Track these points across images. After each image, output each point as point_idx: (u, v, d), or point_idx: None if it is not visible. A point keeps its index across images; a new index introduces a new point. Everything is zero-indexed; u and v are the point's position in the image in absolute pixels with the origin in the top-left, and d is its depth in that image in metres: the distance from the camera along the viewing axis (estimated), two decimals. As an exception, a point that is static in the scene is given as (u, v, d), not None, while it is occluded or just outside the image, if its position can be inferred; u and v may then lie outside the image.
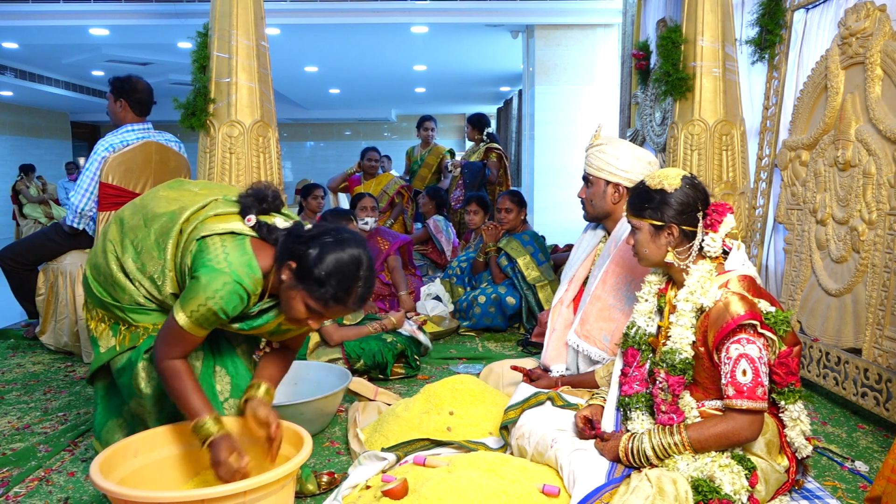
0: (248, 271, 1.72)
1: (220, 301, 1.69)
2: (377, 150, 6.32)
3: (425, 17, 6.98)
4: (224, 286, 1.69)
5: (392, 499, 1.80)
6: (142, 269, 1.86)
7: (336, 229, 1.73)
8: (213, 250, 1.74)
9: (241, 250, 1.75)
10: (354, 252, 1.69)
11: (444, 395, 2.44)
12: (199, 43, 3.50)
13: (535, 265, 4.11)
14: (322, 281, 1.65)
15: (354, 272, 1.68)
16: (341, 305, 1.70)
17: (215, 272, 1.70)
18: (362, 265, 1.70)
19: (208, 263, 1.71)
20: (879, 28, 2.72)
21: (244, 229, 1.79)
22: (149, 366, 1.89)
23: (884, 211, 2.67)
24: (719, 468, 1.72)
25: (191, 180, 2.10)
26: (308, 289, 1.67)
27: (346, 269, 1.67)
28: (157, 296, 1.87)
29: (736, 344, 1.74)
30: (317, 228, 1.74)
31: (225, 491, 1.55)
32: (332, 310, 1.71)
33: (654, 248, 1.93)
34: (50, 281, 3.75)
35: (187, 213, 1.85)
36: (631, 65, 4.97)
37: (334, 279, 1.66)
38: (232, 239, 1.77)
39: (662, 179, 1.91)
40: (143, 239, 1.87)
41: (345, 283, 1.67)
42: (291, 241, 1.72)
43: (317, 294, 1.67)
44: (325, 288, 1.66)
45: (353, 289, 1.69)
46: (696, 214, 1.89)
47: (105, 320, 1.97)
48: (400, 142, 16.41)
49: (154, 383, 1.89)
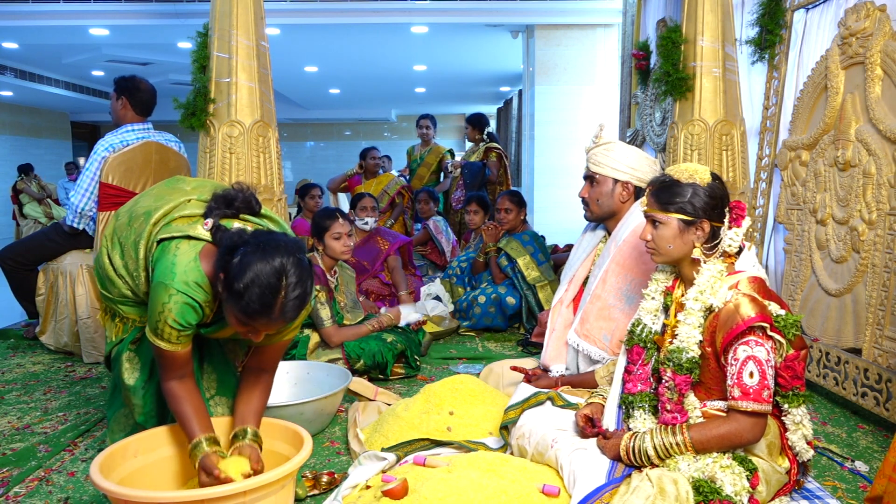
0: (193, 280, 1.68)
1: (173, 313, 1.66)
2: (378, 150, 6.33)
3: (425, 17, 6.98)
4: (170, 298, 1.66)
5: (392, 499, 1.80)
6: (125, 266, 1.89)
7: (264, 235, 1.65)
8: (165, 258, 1.71)
9: (188, 257, 1.70)
10: (277, 262, 1.58)
11: (444, 395, 2.44)
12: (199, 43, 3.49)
13: (535, 265, 4.11)
14: (241, 293, 1.56)
15: (275, 283, 1.57)
16: (265, 318, 1.60)
17: (159, 285, 1.69)
18: (286, 274, 1.58)
19: (158, 275, 1.71)
20: (879, 28, 2.72)
21: (202, 234, 1.76)
22: (133, 356, 1.94)
23: (884, 211, 2.67)
24: (720, 469, 1.72)
25: (187, 178, 2.09)
26: (232, 301, 1.60)
27: (266, 280, 1.56)
28: (137, 292, 1.90)
29: (744, 346, 1.74)
30: (245, 236, 1.65)
31: (225, 491, 1.55)
32: (257, 322, 1.61)
33: (679, 243, 1.89)
34: (50, 281, 3.75)
35: (159, 213, 1.83)
36: (631, 65, 4.97)
37: (254, 291, 1.56)
38: (186, 244, 1.73)
39: (693, 173, 1.88)
40: (126, 237, 1.89)
41: (265, 295, 1.57)
42: (223, 251, 1.64)
43: (238, 306, 1.59)
44: (244, 301, 1.57)
45: (275, 301, 1.58)
46: (724, 210, 1.89)
47: (107, 311, 2.05)
48: (400, 142, 16.41)
49: (137, 374, 1.93)
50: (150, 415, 1.97)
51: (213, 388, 2.00)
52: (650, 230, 1.94)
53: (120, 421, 2.05)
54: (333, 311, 3.27)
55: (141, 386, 1.94)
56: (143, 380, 1.94)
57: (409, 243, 4.83)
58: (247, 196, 1.84)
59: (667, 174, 1.94)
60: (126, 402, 2.00)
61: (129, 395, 1.95)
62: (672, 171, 1.93)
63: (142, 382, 1.94)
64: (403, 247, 4.64)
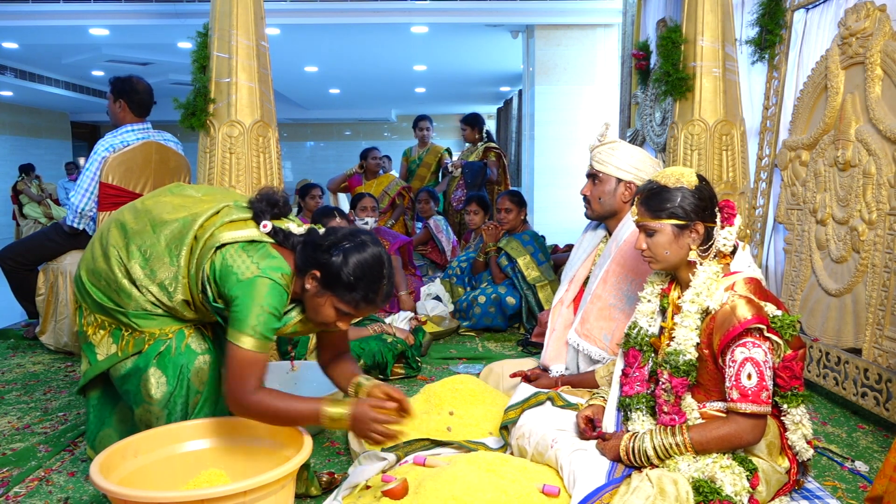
0: (281, 272, 1.75)
1: (272, 301, 1.72)
2: (378, 150, 6.32)
3: (425, 17, 6.97)
4: (267, 287, 1.72)
5: (392, 499, 1.80)
6: (150, 275, 1.85)
7: (352, 233, 1.78)
8: (240, 263, 1.74)
9: (269, 256, 1.77)
10: (375, 252, 1.75)
11: (444, 395, 2.44)
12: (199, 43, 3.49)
13: (535, 265, 4.11)
14: (352, 285, 1.71)
15: (379, 271, 1.75)
16: (371, 305, 1.77)
17: (253, 281, 1.71)
18: (384, 263, 1.76)
19: (241, 279, 1.72)
20: (879, 28, 2.72)
21: (262, 236, 1.81)
22: (158, 371, 1.86)
23: (884, 211, 2.67)
24: (720, 469, 1.72)
25: (192, 185, 2.09)
26: (338, 294, 1.73)
27: (372, 269, 1.73)
28: (166, 302, 1.86)
29: (742, 347, 1.73)
30: (333, 234, 1.77)
31: (225, 491, 1.55)
32: (362, 310, 1.77)
33: (675, 248, 1.88)
34: (50, 281, 3.75)
35: (201, 219, 1.85)
36: (631, 65, 4.97)
37: (363, 282, 1.72)
38: (254, 248, 1.78)
39: (680, 177, 1.87)
40: (153, 245, 1.86)
41: (373, 283, 1.74)
42: (311, 250, 1.76)
43: (347, 298, 1.73)
44: (355, 291, 1.72)
45: (380, 287, 1.75)
46: (714, 210, 1.89)
47: (105, 326, 1.93)
48: (400, 142, 16.40)
49: (164, 389, 1.87)
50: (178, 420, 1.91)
51: None
52: (644, 240, 1.92)
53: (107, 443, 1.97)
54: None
55: (168, 398, 1.88)
56: (169, 392, 1.88)
57: (410, 243, 4.83)
58: (285, 197, 1.92)
59: (653, 181, 1.93)
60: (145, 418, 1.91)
61: (152, 408, 1.88)
62: (658, 177, 1.92)
63: (168, 394, 1.88)
64: (403, 247, 4.64)
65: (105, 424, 2.07)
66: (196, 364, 1.88)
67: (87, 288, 1.93)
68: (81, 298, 1.97)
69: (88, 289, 1.92)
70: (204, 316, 1.92)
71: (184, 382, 1.87)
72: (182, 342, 1.89)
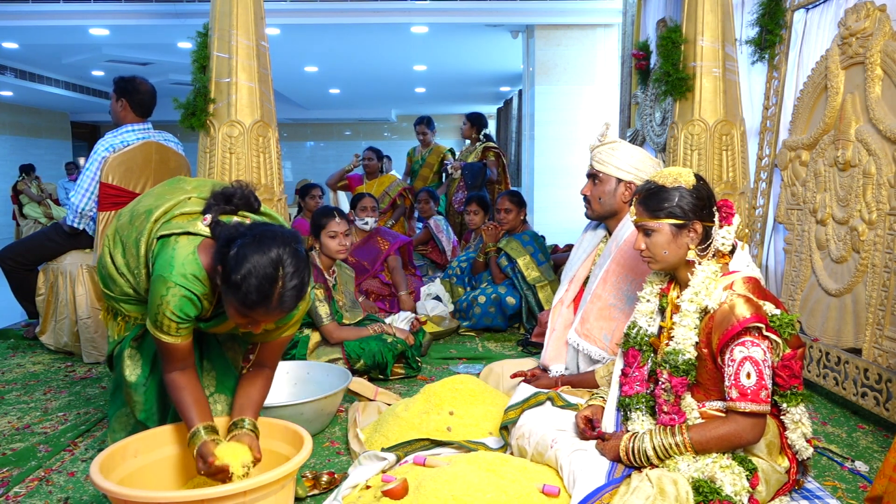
0: (191, 273, 1.71)
1: (171, 305, 1.69)
2: (373, 150, 6.32)
3: (425, 17, 6.97)
4: (168, 290, 1.69)
5: (392, 499, 1.80)
6: (126, 264, 1.91)
7: (260, 227, 1.68)
8: (165, 252, 1.75)
9: (186, 251, 1.73)
10: (274, 253, 1.60)
11: (444, 395, 2.44)
12: (199, 43, 3.49)
13: (535, 265, 4.11)
14: (238, 284, 1.58)
15: (272, 273, 1.59)
16: (263, 309, 1.62)
17: (158, 278, 1.72)
18: (283, 265, 1.60)
19: (157, 269, 1.74)
20: (879, 28, 2.72)
21: (201, 229, 1.79)
22: (134, 353, 1.95)
23: (884, 211, 2.67)
24: (720, 469, 1.72)
25: (188, 178, 2.10)
26: (230, 293, 1.62)
27: (263, 270, 1.58)
28: (139, 290, 1.91)
29: (741, 346, 1.74)
30: (242, 229, 1.68)
31: (225, 491, 1.55)
32: (256, 313, 1.63)
33: (674, 248, 1.88)
34: (50, 281, 3.75)
35: (159, 211, 1.86)
36: (631, 65, 4.97)
37: (251, 282, 1.58)
38: (185, 239, 1.76)
39: (677, 177, 1.88)
40: (128, 235, 1.91)
41: (263, 285, 1.59)
42: (221, 244, 1.67)
43: (237, 297, 1.61)
44: (241, 291, 1.59)
45: (272, 291, 1.60)
46: (712, 209, 1.89)
47: (109, 310, 2.05)
48: (400, 142, 16.41)
49: (139, 371, 1.94)
50: (150, 412, 1.97)
51: (212, 386, 2.00)
52: (643, 240, 1.93)
53: (121, 420, 2.06)
54: (332, 310, 3.27)
55: (142, 383, 1.95)
56: (144, 376, 1.95)
57: (410, 243, 4.82)
58: (245, 193, 1.87)
59: (651, 181, 1.93)
60: (127, 401, 2.00)
61: (131, 392, 1.96)
62: (656, 177, 1.93)
63: (143, 379, 1.95)
64: (403, 247, 4.64)
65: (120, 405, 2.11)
66: None
67: (98, 275, 2.04)
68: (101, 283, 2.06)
69: (98, 275, 2.04)
70: None
71: (158, 369, 1.91)
72: None
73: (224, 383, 2.01)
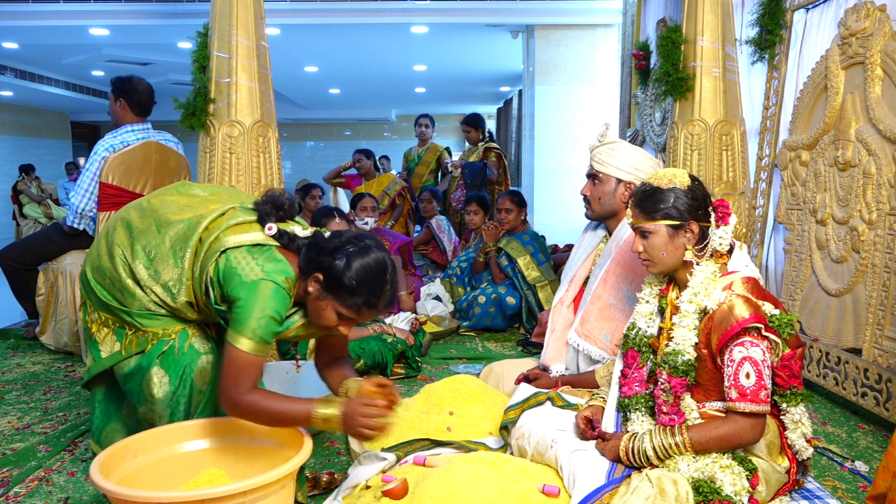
0: (285, 276, 1.75)
1: (274, 305, 1.72)
2: (361, 151, 6.31)
3: (425, 17, 6.97)
4: (270, 291, 1.72)
5: (392, 499, 1.80)
6: (154, 275, 1.85)
7: (357, 237, 1.78)
8: (245, 265, 1.75)
9: (274, 259, 1.78)
10: (379, 257, 1.75)
11: (444, 395, 2.44)
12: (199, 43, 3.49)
13: (535, 265, 4.11)
14: (353, 289, 1.71)
15: (382, 277, 1.74)
16: (373, 310, 1.76)
17: (256, 284, 1.71)
18: (388, 269, 1.76)
19: (245, 280, 1.72)
20: (879, 28, 2.72)
21: (267, 239, 1.81)
22: (161, 371, 1.87)
23: (884, 211, 2.67)
24: (720, 469, 1.72)
25: (198, 184, 2.09)
26: (339, 298, 1.73)
27: (375, 275, 1.72)
28: (169, 303, 1.85)
29: (740, 347, 1.74)
30: (338, 238, 1.78)
31: (225, 491, 1.55)
32: (364, 315, 1.76)
33: (671, 249, 1.88)
34: (50, 281, 3.75)
35: (206, 221, 1.85)
36: (631, 65, 4.97)
37: (365, 286, 1.71)
38: (259, 251, 1.79)
39: (672, 178, 1.88)
40: (157, 245, 1.86)
41: (375, 288, 1.73)
42: (315, 253, 1.76)
43: (349, 302, 1.73)
44: (356, 296, 1.72)
45: (382, 293, 1.75)
46: (708, 209, 1.89)
47: (109, 324, 1.93)
48: (400, 142, 16.40)
49: (167, 387, 1.87)
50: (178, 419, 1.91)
51: None
52: (641, 242, 1.93)
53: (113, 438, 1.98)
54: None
55: (171, 397, 1.88)
56: (172, 391, 1.88)
57: (410, 243, 4.83)
58: (290, 200, 1.93)
59: (646, 183, 1.94)
60: (146, 417, 1.92)
61: (155, 407, 1.88)
62: (651, 179, 1.93)
63: (171, 394, 1.88)
64: (403, 247, 4.64)
65: (111, 419, 2.07)
66: (199, 364, 1.88)
67: (91, 286, 1.92)
68: (86, 295, 1.96)
69: (93, 286, 1.92)
70: (207, 317, 1.92)
71: (187, 382, 1.87)
72: (185, 342, 1.89)
73: None
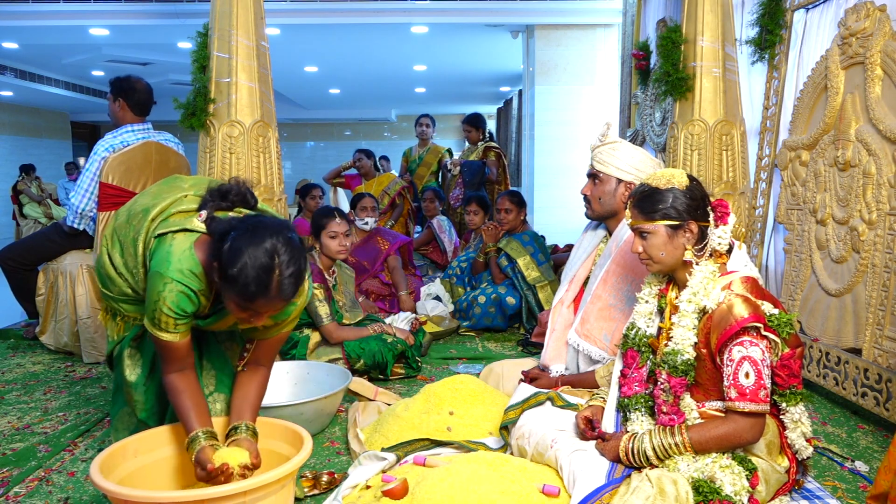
0: (187, 269, 1.71)
1: (168, 302, 1.69)
2: (362, 151, 6.32)
3: (425, 17, 6.98)
4: (165, 286, 1.69)
5: (392, 499, 1.80)
6: (125, 264, 1.90)
7: (251, 219, 1.68)
8: (161, 250, 1.75)
9: (183, 247, 1.73)
10: (268, 243, 1.61)
11: (444, 395, 2.44)
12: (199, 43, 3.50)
13: (535, 265, 4.11)
14: (235, 277, 1.59)
15: (268, 263, 1.60)
16: (263, 299, 1.62)
17: (155, 275, 1.72)
18: (278, 253, 1.61)
19: (154, 266, 1.74)
20: (879, 28, 2.72)
21: (197, 226, 1.79)
22: (134, 353, 1.96)
23: (884, 211, 2.67)
24: (720, 469, 1.72)
25: (185, 176, 2.10)
26: (229, 287, 1.62)
27: (258, 261, 1.59)
28: (136, 289, 1.91)
29: (739, 346, 1.74)
30: (234, 222, 1.68)
31: (225, 491, 1.55)
32: (256, 304, 1.64)
33: (671, 249, 1.89)
34: (50, 281, 3.75)
35: (156, 209, 1.86)
36: (631, 65, 4.97)
37: (248, 273, 1.59)
38: (182, 236, 1.76)
39: (670, 178, 1.89)
40: (125, 235, 1.90)
41: (260, 276, 1.59)
42: (215, 239, 1.67)
43: (235, 290, 1.61)
44: (239, 284, 1.59)
45: (270, 280, 1.61)
46: (707, 209, 1.89)
47: (108, 311, 2.05)
48: (400, 142, 16.40)
49: (138, 371, 1.95)
50: (151, 411, 1.98)
51: (211, 385, 2.01)
52: (640, 242, 1.94)
53: (123, 419, 2.06)
54: (332, 310, 3.27)
55: (142, 382, 1.96)
56: (143, 376, 1.96)
57: (410, 243, 4.83)
58: (241, 189, 1.87)
59: (645, 184, 1.94)
60: (128, 400, 2.00)
61: (131, 391, 1.97)
62: (649, 179, 1.94)
63: (143, 379, 1.95)
64: (403, 247, 4.64)
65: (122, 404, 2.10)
66: None
67: (97, 275, 2.03)
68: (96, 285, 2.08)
69: (96, 275, 2.03)
70: None
71: (158, 369, 1.89)
72: None
73: (223, 382, 2.01)
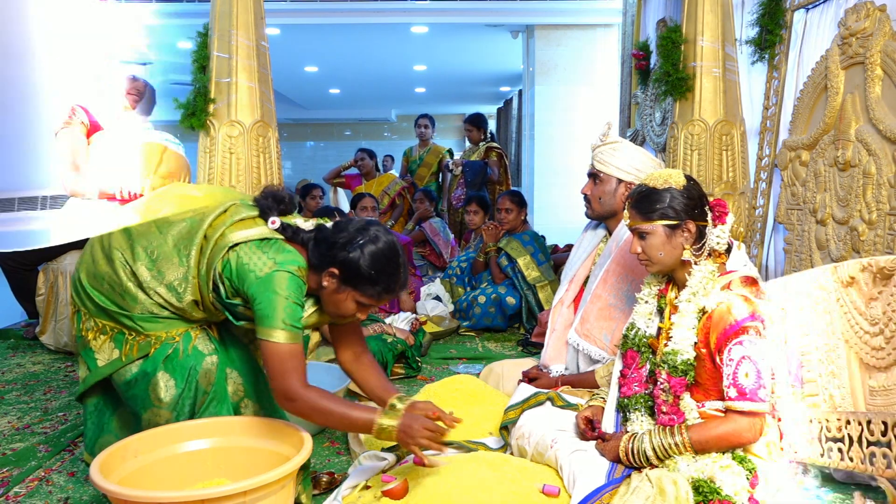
0: (297, 265, 1.78)
1: (293, 292, 1.75)
2: (364, 150, 6.33)
3: (425, 17, 6.99)
4: (286, 279, 1.74)
5: (392, 499, 1.80)
6: (158, 276, 1.83)
7: (362, 227, 1.82)
8: (256, 260, 1.76)
9: (283, 250, 1.80)
10: (389, 241, 1.81)
11: (444, 395, 2.44)
12: (199, 43, 3.50)
13: (535, 265, 4.11)
14: (373, 279, 1.77)
15: (395, 261, 1.81)
16: (392, 294, 1.84)
17: (271, 276, 1.73)
18: (399, 251, 1.83)
19: (260, 276, 1.74)
20: (879, 28, 2.72)
21: (272, 233, 1.83)
22: (166, 374, 1.85)
23: (884, 211, 2.67)
24: (720, 469, 1.72)
25: (193, 184, 2.11)
26: (359, 289, 1.79)
27: (389, 261, 1.79)
28: (174, 303, 1.84)
29: (738, 346, 1.74)
30: (345, 230, 1.81)
31: (225, 491, 1.55)
32: (384, 300, 1.83)
33: (669, 249, 1.89)
34: (50, 281, 3.75)
35: (209, 219, 1.85)
36: (631, 65, 4.98)
37: (383, 274, 1.78)
38: (267, 244, 1.81)
39: (668, 178, 1.89)
40: (160, 245, 1.85)
41: (392, 274, 1.80)
42: (326, 248, 1.79)
43: (370, 291, 1.79)
44: (377, 284, 1.78)
45: (398, 276, 1.82)
46: (704, 209, 1.89)
47: (107, 331, 1.89)
48: (400, 142, 16.39)
49: (173, 392, 1.86)
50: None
51: (240, 392, 1.97)
52: (638, 243, 1.94)
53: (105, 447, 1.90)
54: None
55: (177, 400, 1.87)
56: (178, 394, 1.87)
57: (410, 243, 4.82)
58: (290, 194, 1.95)
59: (642, 184, 1.95)
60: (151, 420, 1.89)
61: (160, 411, 1.87)
62: (647, 180, 1.94)
63: (177, 397, 1.87)
64: (403, 246, 4.64)
65: (105, 430, 2.05)
66: (204, 366, 1.88)
67: (87, 292, 1.89)
68: (81, 303, 1.91)
69: (90, 293, 1.88)
70: (212, 315, 1.92)
71: (192, 384, 1.87)
72: (189, 344, 1.88)
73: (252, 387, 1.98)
